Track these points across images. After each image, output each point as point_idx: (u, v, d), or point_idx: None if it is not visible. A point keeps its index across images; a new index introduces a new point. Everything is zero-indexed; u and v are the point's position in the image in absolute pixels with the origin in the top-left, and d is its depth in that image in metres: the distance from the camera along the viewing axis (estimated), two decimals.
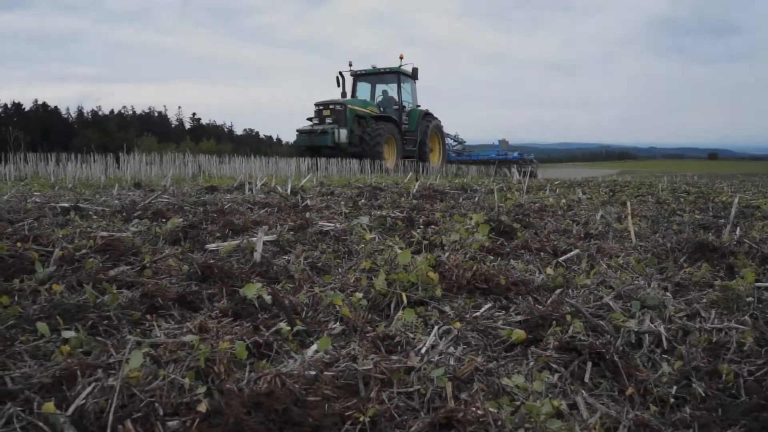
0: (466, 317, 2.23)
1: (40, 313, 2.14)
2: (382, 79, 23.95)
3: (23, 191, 7.19)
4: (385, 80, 23.92)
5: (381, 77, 23.83)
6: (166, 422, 1.31)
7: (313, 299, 2.38)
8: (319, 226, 4.17)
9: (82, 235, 3.50)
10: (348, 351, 1.71)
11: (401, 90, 23.38)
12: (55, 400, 1.35)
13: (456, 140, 29.46)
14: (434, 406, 1.52)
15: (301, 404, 1.36)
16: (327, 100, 21.01)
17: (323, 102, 21.01)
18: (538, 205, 7.22)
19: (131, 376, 1.42)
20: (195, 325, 1.95)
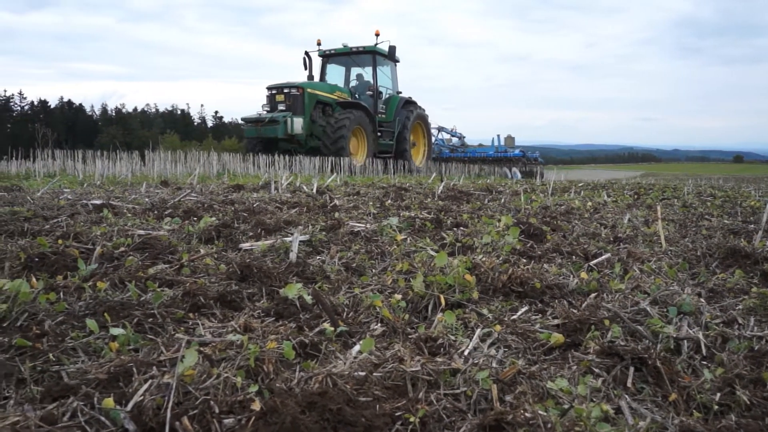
0: (505, 320, 2.25)
1: (85, 310, 2.19)
2: (357, 61, 20.46)
3: (54, 188, 7.29)
4: (359, 62, 20.42)
5: (355, 59, 20.30)
6: (222, 420, 1.34)
7: (353, 300, 2.41)
8: (350, 227, 4.20)
9: (119, 233, 3.55)
10: (393, 352, 1.73)
11: (377, 73, 19.81)
12: (113, 396, 1.39)
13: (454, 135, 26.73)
14: (480, 408, 1.54)
15: (353, 404, 1.39)
16: (281, 83, 17.51)
17: (276, 85, 17.54)
18: (564, 207, 7.20)
19: (186, 374, 1.45)
20: (239, 324, 1.99)
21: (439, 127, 25.83)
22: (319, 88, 18.07)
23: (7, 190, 6.87)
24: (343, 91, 19.31)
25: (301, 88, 17.24)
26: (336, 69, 20.48)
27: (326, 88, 18.52)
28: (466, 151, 25.88)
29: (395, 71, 21.19)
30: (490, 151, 25.37)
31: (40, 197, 6.10)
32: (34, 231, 3.80)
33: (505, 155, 24.93)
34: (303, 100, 17.16)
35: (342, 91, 19.26)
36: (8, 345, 1.81)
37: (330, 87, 18.76)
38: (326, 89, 18.42)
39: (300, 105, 17.13)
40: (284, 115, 16.75)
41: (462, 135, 27.04)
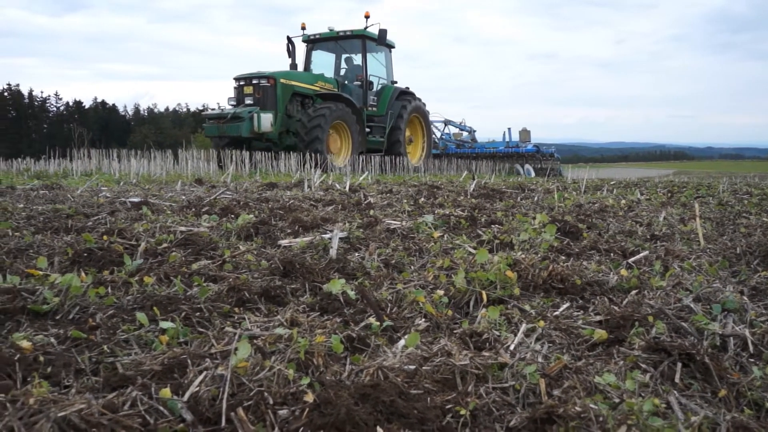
0: (548, 316, 2.25)
1: (134, 304, 2.24)
2: (346, 48, 17.82)
3: (93, 186, 7.41)
4: (349, 48, 17.79)
5: (344, 45, 17.68)
6: (276, 411, 1.36)
7: (396, 296, 2.43)
8: (386, 224, 4.22)
9: (162, 230, 3.61)
10: (441, 346, 1.75)
11: (366, 60, 17.23)
12: (169, 387, 1.42)
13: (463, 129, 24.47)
14: (529, 401, 1.55)
15: (404, 397, 1.40)
16: (250, 73, 15.09)
17: (245, 75, 15.08)
18: (598, 205, 7.14)
19: (239, 366, 1.48)
20: (286, 318, 2.02)
21: (445, 120, 23.84)
22: (296, 78, 15.59)
23: (48, 188, 7.00)
24: (329, 82, 16.68)
25: (272, 78, 14.80)
26: (324, 57, 18.05)
27: (306, 78, 16.06)
28: (474, 146, 23.82)
29: (390, 58, 18.69)
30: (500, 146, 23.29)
31: (80, 195, 6.21)
32: (78, 228, 3.88)
33: (516, 151, 22.82)
34: (275, 93, 14.80)
35: (327, 81, 16.62)
36: (64, 336, 1.86)
37: (311, 77, 16.28)
38: (306, 79, 15.96)
39: (271, 98, 14.74)
40: (250, 110, 14.32)
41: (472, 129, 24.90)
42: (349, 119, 15.94)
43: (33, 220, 4.26)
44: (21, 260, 2.94)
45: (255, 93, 14.75)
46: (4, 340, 1.82)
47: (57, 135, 66.25)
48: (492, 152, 23.07)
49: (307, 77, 16.16)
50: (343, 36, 17.25)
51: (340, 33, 17.22)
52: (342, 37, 17.28)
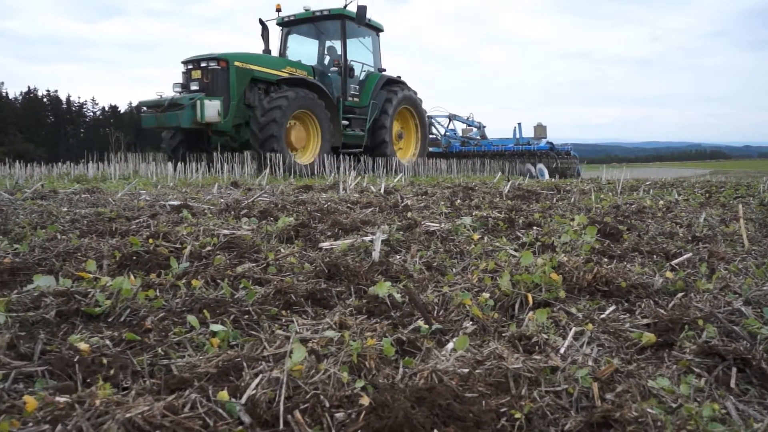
0: (595, 319, 2.23)
1: (182, 307, 2.27)
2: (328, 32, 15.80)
3: (132, 190, 7.52)
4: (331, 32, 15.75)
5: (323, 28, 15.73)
6: (333, 414, 1.37)
7: (442, 299, 2.43)
8: (425, 226, 4.22)
9: (205, 233, 3.66)
10: (492, 350, 1.75)
11: (346, 43, 15.21)
12: (227, 389, 1.44)
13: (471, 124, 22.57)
14: (582, 405, 1.54)
15: (459, 400, 1.41)
16: (201, 55, 13.07)
17: (193, 57, 13.09)
18: (635, 206, 7.07)
19: (294, 369, 1.50)
20: (335, 321, 2.03)
21: (450, 115, 22.06)
22: (257, 62, 13.57)
23: (89, 192, 7.12)
24: (302, 68, 14.63)
25: (224, 61, 12.83)
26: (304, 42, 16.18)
27: (270, 61, 14.04)
28: (481, 143, 21.64)
29: (378, 43, 16.61)
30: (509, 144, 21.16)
31: (120, 198, 6.31)
32: (122, 231, 3.95)
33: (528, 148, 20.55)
34: (227, 77, 12.79)
35: (300, 67, 14.62)
36: (119, 339, 1.89)
37: (278, 61, 14.35)
38: (270, 63, 13.92)
39: (222, 83, 12.74)
40: (192, 96, 12.28)
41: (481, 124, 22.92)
42: (318, 109, 13.86)
43: (77, 224, 4.34)
44: (70, 263, 2.99)
45: (203, 77, 12.80)
46: (63, 342, 1.86)
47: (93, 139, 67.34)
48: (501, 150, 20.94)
49: (272, 61, 14.16)
50: (320, 17, 15.41)
51: (317, 13, 15.35)
52: (319, 17, 15.43)
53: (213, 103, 12.27)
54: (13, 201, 5.88)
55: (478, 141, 22.06)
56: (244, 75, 13.11)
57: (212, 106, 12.24)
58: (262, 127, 12.74)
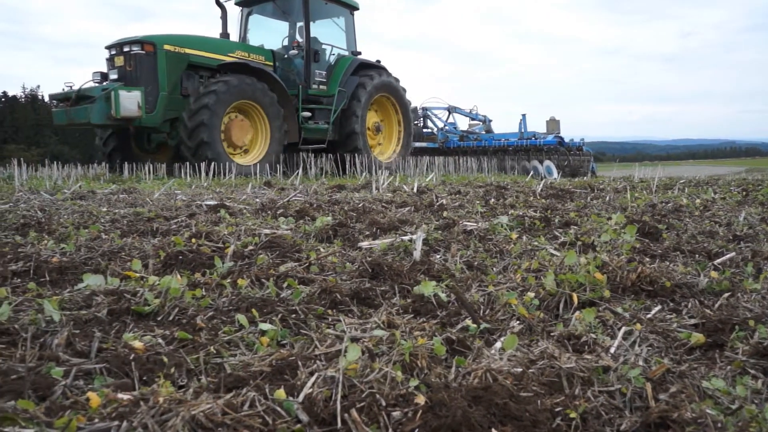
0: (642, 319, 2.22)
1: (229, 306, 2.30)
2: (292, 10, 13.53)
3: (168, 190, 7.61)
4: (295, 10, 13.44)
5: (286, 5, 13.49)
6: (390, 413, 1.38)
7: (487, 298, 2.43)
8: (463, 226, 4.22)
9: (246, 232, 3.70)
10: (542, 349, 1.74)
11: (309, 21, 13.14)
12: (281, 388, 1.46)
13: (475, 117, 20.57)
14: (635, 405, 1.53)
15: (515, 399, 1.41)
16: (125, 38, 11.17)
17: (117, 42, 11.19)
18: (671, 205, 6.99)
19: (349, 368, 1.51)
20: (383, 320, 2.05)
21: (449, 107, 20.09)
22: (195, 45, 11.51)
23: (126, 193, 7.22)
24: (258, 52, 12.75)
25: (150, 44, 10.89)
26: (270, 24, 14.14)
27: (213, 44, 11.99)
28: (481, 138, 19.51)
29: (352, 23, 14.51)
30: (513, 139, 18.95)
31: (157, 199, 6.39)
32: (162, 230, 4.00)
33: (533, 143, 18.25)
34: (154, 63, 10.89)
35: (254, 51, 12.74)
36: (171, 337, 1.92)
37: (224, 44, 12.33)
38: (212, 47, 11.87)
39: (148, 70, 10.84)
40: (106, 86, 10.46)
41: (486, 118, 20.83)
42: (266, 100, 11.77)
43: (117, 224, 4.40)
44: (115, 262, 3.04)
45: (126, 64, 10.87)
46: (116, 340, 1.89)
47: None
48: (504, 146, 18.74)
49: (216, 44, 12.12)
50: None
51: None
52: None
53: (131, 94, 10.36)
54: (54, 201, 5.99)
55: (478, 135, 19.81)
56: (178, 60, 11.20)
57: (130, 98, 10.34)
58: (190, 132, 10.83)
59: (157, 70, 10.94)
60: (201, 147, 10.81)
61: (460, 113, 20.45)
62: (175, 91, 11.18)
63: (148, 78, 10.85)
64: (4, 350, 1.79)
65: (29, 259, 2.94)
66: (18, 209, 5.16)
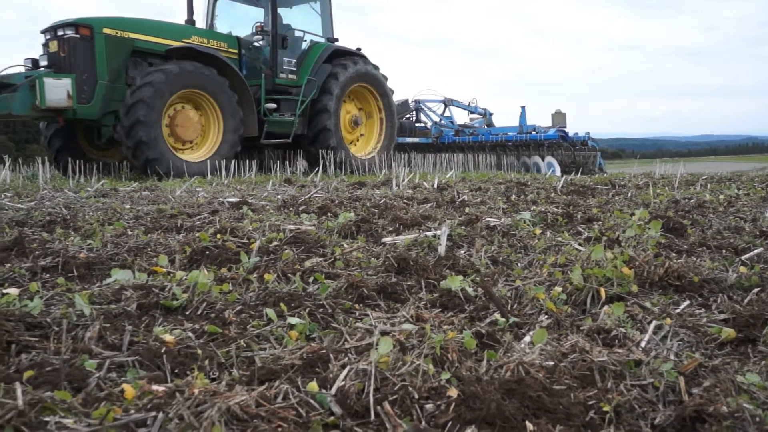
0: (671, 314, 2.20)
1: (256, 300, 2.31)
2: None
3: (190, 188, 7.65)
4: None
5: None
6: (422, 405, 1.38)
7: (515, 292, 2.42)
8: (486, 222, 4.21)
9: (270, 228, 3.71)
10: (573, 343, 1.73)
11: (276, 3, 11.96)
12: (316, 381, 1.46)
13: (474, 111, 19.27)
14: (668, 399, 1.52)
15: (548, 392, 1.40)
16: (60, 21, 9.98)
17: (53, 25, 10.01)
18: (694, 201, 6.93)
19: (381, 361, 1.51)
20: (411, 315, 2.05)
21: (445, 100, 18.83)
22: (140, 29, 10.33)
23: (148, 190, 7.27)
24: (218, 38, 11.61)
25: (87, 28, 9.73)
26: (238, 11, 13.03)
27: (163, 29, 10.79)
28: (477, 133, 18.08)
29: (329, 7, 13.32)
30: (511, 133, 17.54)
31: (179, 196, 6.43)
32: (187, 227, 4.02)
33: (533, 138, 16.78)
34: (91, 48, 9.73)
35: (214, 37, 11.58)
36: (200, 331, 1.94)
37: (177, 29, 11.10)
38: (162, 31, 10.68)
39: (84, 56, 9.65)
40: (29, 74, 9.42)
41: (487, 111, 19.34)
42: (216, 89, 10.56)
43: (140, 220, 4.44)
44: (141, 258, 3.07)
45: (60, 50, 9.71)
46: (146, 334, 1.91)
47: None
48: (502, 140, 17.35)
49: (166, 28, 10.86)
50: None
51: None
52: None
53: (60, 82, 9.18)
54: (78, 199, 6.05)
55: (475, 130, 18.39)
56: (120, 46, 10.01)
57: (58, 87, 9.14)
58: (127, 131, 9.71)
59: (95, 56, 9.73)
60: (140, 147, 9.66)
61: (457, 106, 19.14)
62: (119, 79, 9.99)
63: (84, 65, 9.63)
64: (38, 343, 1.81)
65: (57, 254, 2.97)
66: (43, 207, 5.21)
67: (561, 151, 16.74)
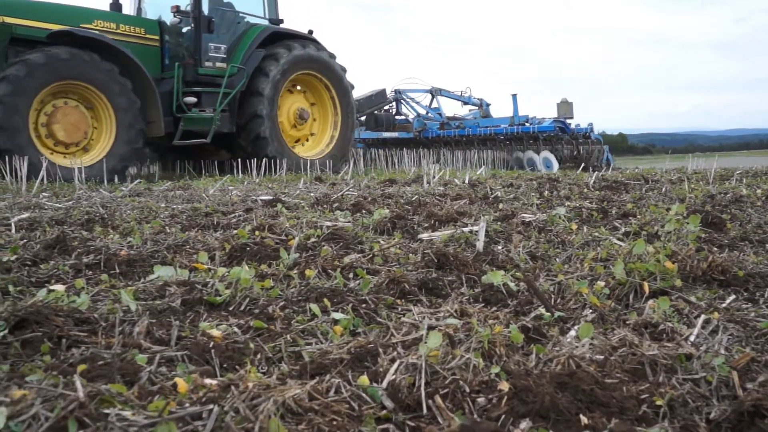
0: (718, 308, 2.17)
1: (298, 296, 2.32)
2: None
3: (222, 186, 7.71)
4: None
5: None
6: (474, 399, 1.38)
7: (558, 287, 2.41)
8: (521, 217, 4.19)
9: (308, 225, 3.73)
10: (621, 336, 1.72)
11: None
12: (366, 375, 1.47)
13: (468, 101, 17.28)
14: (722, 394, 1.50)
15: (600, 386, 1.39)
16: None
17: None
18: (730, 195, 6.83)
19: (430, 355, 1.51)
20: (455, 309, 2.04)
21: (432, 89, 17.05)
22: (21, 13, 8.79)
23: (182, 189, 7.34)
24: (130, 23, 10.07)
25: None
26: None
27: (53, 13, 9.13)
28: (465, 125, 16.27)
29: None
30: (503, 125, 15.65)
31: (213, 194, 6.48)
32: (223, 224, 4.06)
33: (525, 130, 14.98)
34: None
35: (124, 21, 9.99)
36: (246, 326, 1.95)
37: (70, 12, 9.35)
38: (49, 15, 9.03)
39: None
40: None
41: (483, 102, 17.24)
42: (103, 78, 8.96)
43: (176, 218, 4.48)
44: (180, 255, 3.09)
45: None
46: (192, 329, 1.93)
47: None
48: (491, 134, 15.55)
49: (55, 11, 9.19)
50: None
51: None
52: None
53: None
54: (113, 198, 6.13)
55: (461, 122, 16.55)
56: None
57: None
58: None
59: None
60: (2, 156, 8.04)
61: (447, 96, 17.27)
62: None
63: None
64: (86, 338, 1.84)
65: (99, 252, 3.01)
66: (80, 206, 5.29)
67: (562, 144, 15.04)
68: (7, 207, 5.03)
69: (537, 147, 14.83)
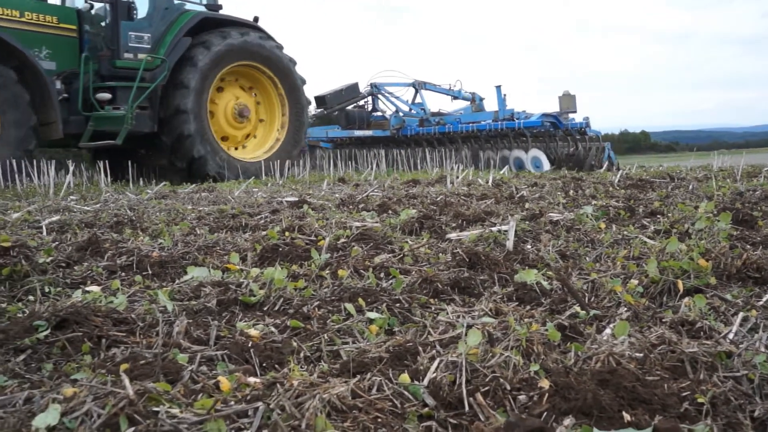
0: (755, 306, 2.15)
1: (332, 296, 2.33)
2: None
3: (247, 188, 7.76)
4: None
5: None
6: (515, 396, 1.38)
7: (591, 285, 2.40)
8: (549, 216, 4.18)
9: (337, 225, 3.75)
10: (659, 334, 1.71)
11: None
12: (407, 373, 1.48)
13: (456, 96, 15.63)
14: (765, 392, 1.49)
15: (642, 383, 1.39)
16: None
17: None
18: (760, 192, 6.75)
19: (470, 353, 1.52)
20: (490, 308, 2.05)
21: (416, 83, 15.30)
22: None
23: (207, 191, 7.40)
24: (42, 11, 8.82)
25: None
26: None
27: None
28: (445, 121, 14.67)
29: None
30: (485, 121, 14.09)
31: (238, 196, 6.53)
32: (251, 226, 4.09)
33: (510, 126, 13.23)
34: None
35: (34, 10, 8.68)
36: (282, 326, 1.97)
37: None
38: None
39: None
40: None
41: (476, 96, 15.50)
42: None
43: (203, 220, 4.52)
44: (211, 256, 3.12)
45: None
46: (229, 329, 1.95)
47: None
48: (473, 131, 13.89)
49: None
50: None
51: None
52: None
53: None
54: (140, 201, 6.19)
55: (441, 118, 14.97)
56: None
57: None
58: None
59: None
60: None
61: (432, 90, 15.62)
62: None
63: None
64: (125, 338, 1.87)
65: (131, 253, 3.05)
66: (108, 209, 5.35)
67: (556, 141, 13.27)
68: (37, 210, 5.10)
69: (526, 145, 13.18)
